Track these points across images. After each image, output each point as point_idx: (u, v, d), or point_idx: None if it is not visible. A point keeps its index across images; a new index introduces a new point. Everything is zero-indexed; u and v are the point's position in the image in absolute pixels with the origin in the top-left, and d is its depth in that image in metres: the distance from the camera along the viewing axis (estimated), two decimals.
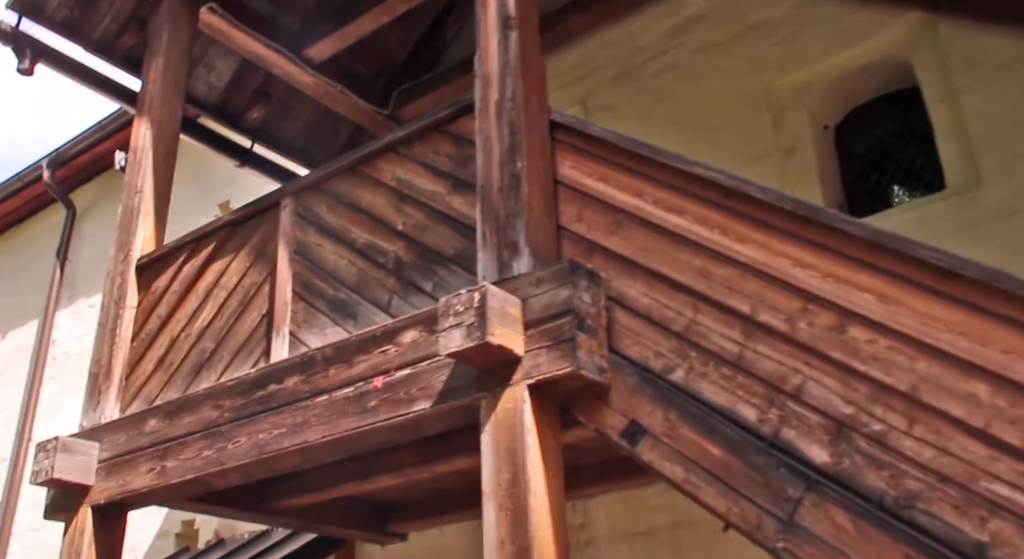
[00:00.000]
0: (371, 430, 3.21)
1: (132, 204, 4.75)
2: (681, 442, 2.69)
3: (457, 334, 2.86)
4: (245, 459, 3.54)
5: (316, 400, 3.40)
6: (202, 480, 3.73)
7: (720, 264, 2.85)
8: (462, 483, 4.96)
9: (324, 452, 3.42)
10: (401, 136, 3.74)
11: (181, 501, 4.29)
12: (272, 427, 3.50)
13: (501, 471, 2.80)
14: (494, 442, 2.85)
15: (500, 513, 2.75)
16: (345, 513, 5.22)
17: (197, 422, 3.78)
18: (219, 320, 4.13)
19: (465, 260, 3.34)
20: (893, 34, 4.78)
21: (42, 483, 4.02)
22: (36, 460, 4.07)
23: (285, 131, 6.58)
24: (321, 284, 3.78)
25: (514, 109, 3.30)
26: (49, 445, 4.06)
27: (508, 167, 3.22)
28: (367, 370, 3.30)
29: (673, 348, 2.84)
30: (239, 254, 4.19)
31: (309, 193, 4.02)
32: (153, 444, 3.92)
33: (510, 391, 2.88)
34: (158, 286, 4.49)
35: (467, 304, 2.87)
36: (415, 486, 4.99)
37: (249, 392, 3.65)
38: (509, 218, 3.15)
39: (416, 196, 3.60)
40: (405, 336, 3.24)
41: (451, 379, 3.04)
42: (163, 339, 4.34)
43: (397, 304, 3.48)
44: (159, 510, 7.25)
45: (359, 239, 3.73)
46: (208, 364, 4.07)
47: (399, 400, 3.15)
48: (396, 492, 5.11)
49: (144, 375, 4.33)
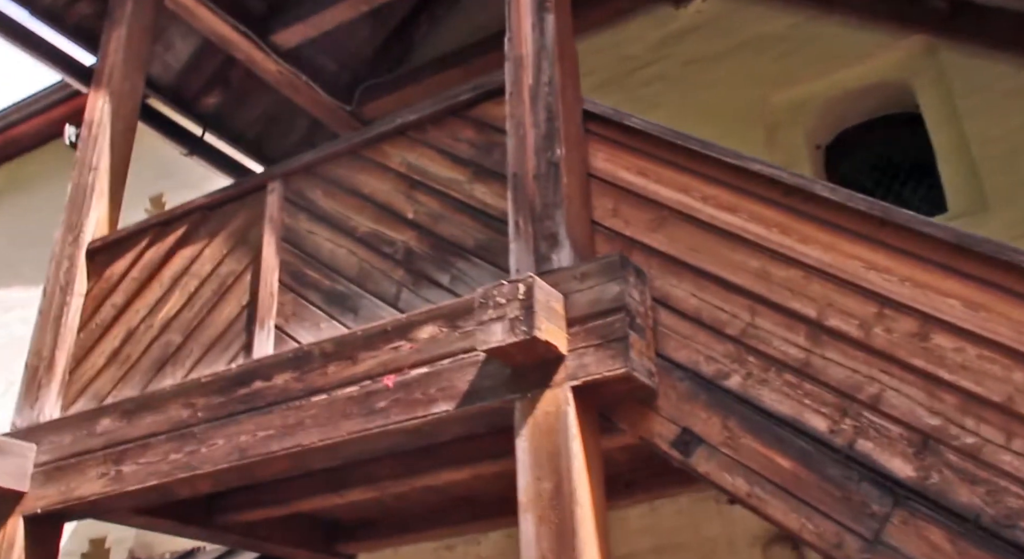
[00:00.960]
0: (380, 433, 2.90)
1: (85, 182, 4.31)
2: (743, 452, 2.48)
3: (498, 328, 2.58)
4: (223, 464, 3.16)
5: (312, 400, 3.07)
6: (167, 487, 3.33)
7: (781, 265, 2.67)
8: (426, 501, 4.66)
9: (320, 457, 3.08)
10: (413, 120, 3.47)
11: (125, 513, 3.84)
12: (257, 428, 3.14)
13: (541, 480, 2.53)
14: (533, 448, 2.58)
15: (541, 526, 2.48)
16: (293, 531, 4.82)
17: (163, 422, 3.38)
18: (188, 311, 3.74)
19: (489, 252, 3.08)
20: (893, 56, 4.77)
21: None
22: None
23: (239, 121, 6.19)
24: (315, 275, 3.45)
25: (552, 94, 3.08)
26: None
27: (545, 155, 2.98)
28: (375, 368, 2.98)
29: (728, 353, 2.64)
30: (214, 240, 3.82)
31: (300, 177, 3.68)
32: (107, 446, 3.49)
33: (551, 393, 2.62)
34: (113, 272, 4.06)
35: (510, 296, 2.61)
36: (372, 504, 4.64)
37: (229, 390, 3.28)
38: (547, 208, 2.90)
39: (430, 183, 3.32)
40: (421, 331, 2.94)
41: (478, 379, 2.77)
42: (118, 330, 3.91)
43: (407, 298, 3.18)
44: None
45: (361, 227, 3.42)
46: (174, 359, 3.67)
47: (414, 401, 2.85)
48: (349, 509, 4.74)
49: (93, 369, 3.89)
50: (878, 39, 4.80)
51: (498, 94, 3.28)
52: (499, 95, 3.28)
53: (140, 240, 4.03)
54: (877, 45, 4.80)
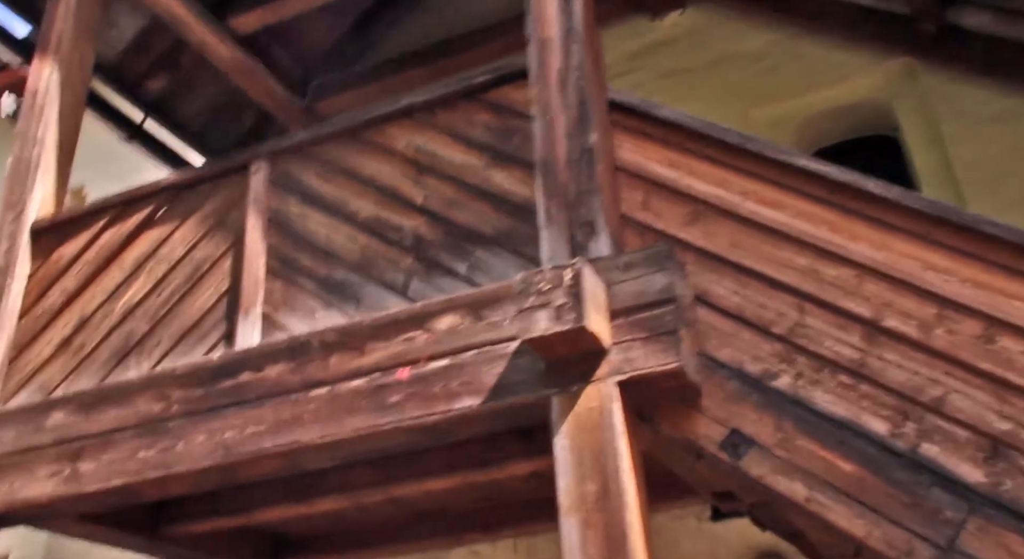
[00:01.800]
0: (392, 430, 2.66)
1: (28, 156, 3.92)
2: (800, 455, 2.35)
3: (542, 317, 2.40)
4: (204, 462, 2.85)
5: (311, 393, 2.80)
6: (133, 488, 2.99)
7: (831, 263, 2.57)
8: (388, 514, 4.38)
9: (318, 456, 2.81)
10: (421, 101, 3.26)
11: (70, 520, 3.45)
12: (245, 424, 2.85)
13: (585, 481, 2.34)
14: (574, 447, 2.39)
15: (587, 531, 2.29)
16: (243, 545, 4.46)
17: (130, 416, 3.04)
18: (155, 298, 3.40)
19: (510, 240, 2.89)
20: (874, 78, 4.82)
21: None
22: None
23: (184, 109, 5.82)
24: (308, 261, 3.18)
25: (582, 78, 2.93)
26: None
27: (577, 140, 2.82)
28: (386, 359, 2.75)
29: (775, 352, 2.52)
30: (187, 222, 3.50)
31: (289, 157, 3.41)
32: (59, 442, 3.12)
33: (593, 388, 2.44)
34: (63, 255, 3.68)
35: (555, 282, 2.43)
36: (329, 517, 4.34)
37: (211, 381, 2.98)
38: (581, 196, 2.74)
39: (441, 168, 3.11)
40: (439, 321, 2.73)
41: (507, 373, 2.57)
42: (69, 317, 3.53)
43: (418, 287, 2.96)
44: None
45: (362, 212, 3.18)
46: (139, 349, 3.32)
47: (433, 396, 2.63)
48: (302, 523, 4.42)
49: (39, 359, 3.50)
50: (859, 60, 4.84)
51: (518, 78, 3.12)
52: (519, 79, 3.12)
53: (96, 220, 3.67)
54: (858, 66, 4.84)
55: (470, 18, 6.01)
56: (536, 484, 4.10)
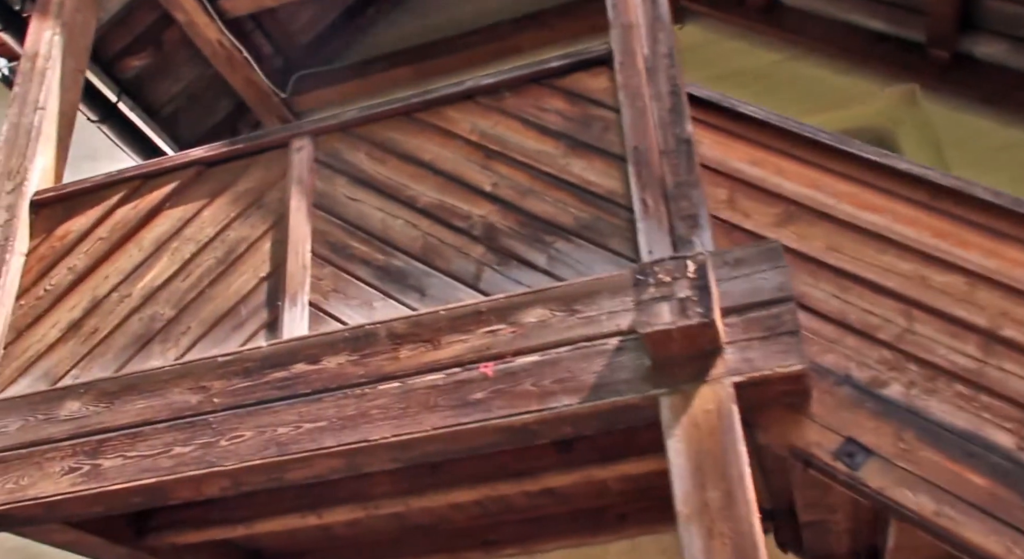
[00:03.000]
0: (477, 430, 2.47)
1: (28, 123, 3.57)
2: (925, 467, 2.26)
3: (665, 309, 2.26)
4: (252, 460, 2.59)
5: (380, 388, 2.58)
6: (165, 487, 2.70)
7: (939, 270, 2.51)
8: (380, 529, 4.13)
9: (387, 456, 2.58)
10: (486, 85, 3.08)
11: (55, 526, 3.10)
12: (300, 420, 2.61)
13: (706, 488, 2.20)
14: (692, 451, 2.25)
15: (712, 540, 2.14)
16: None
17: (162, 408, 2.76)
18: (181, 281, 3.11)
19: (595, 233, 2.74)
20: (876, 104, 4.85)
21: None
22: None
23: (160, 92, 5.45)
24: (362, 248, 2.96)
25: (673, 66, 2.82)
26: None
27: (673, 130, 2.71)
28: (466, 354, 2.55)
29: (883, 359, 2.43)
30: (217, 200, 3.22)
31: (336, 137, 3.19)
32: (76, 435, 2.80)
33: (708, 389, 2.31)
34: (69, 230, 3.35)
35: (676, 273, 2.29)
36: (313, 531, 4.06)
37: (258, 372, 2.72)
38: (681, 187, 2.62)
39: (512, 154, 2.94)
40: (527, 314, 2.55)
41: (608, 371, 2.41)
42: (78, 299, 3.20)
43: (491, 278, 2.77)
44: None
45: (422, 197, 2.98)
46: (163, 336, 3.03)
47: (524, 393, 2.45)
48: (282, 537, 4.13)
49: (42, 344, 3.15)
50: (861, 84, 4.88)
51: (594, 65, 2.99)
52: (595, 66, 2.99)
53: (109, 195, 3.36)
54: (860, 91, 4.88)
55: (458, 20, 5.86)
56: (545, 500, 3.95)
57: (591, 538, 4.03)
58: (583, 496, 3.89)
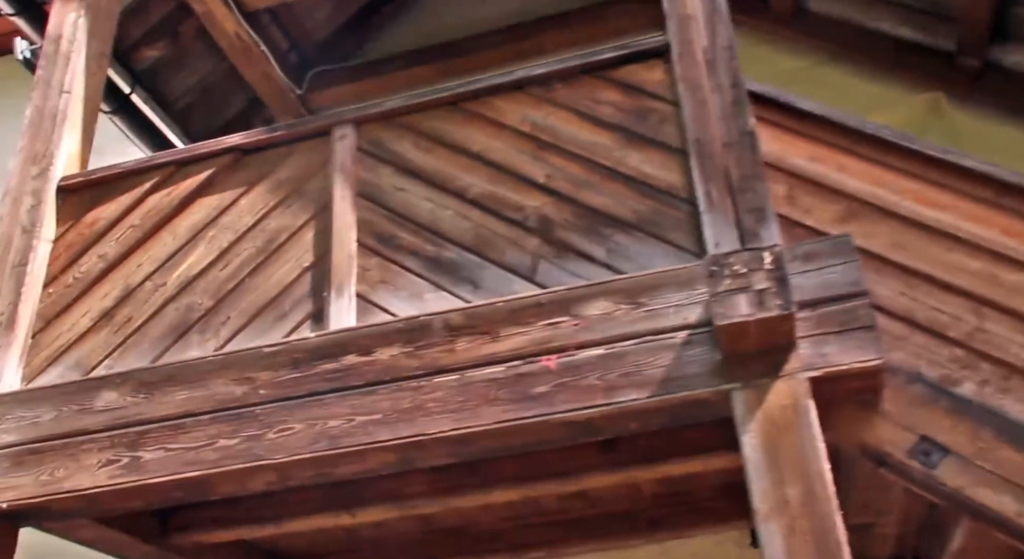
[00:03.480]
0: (540, 424, 2.40)
1: (54, 107, 3.47)
2: (1007, 468, 2.22)
3: (743, 301, 2.21)
4: (302, 453, 2.51)
5: (436, 380, 2.51)
6: (209, 481, 2.60)
7: (1010, 268, 2.47)
8: (404, 532, 4.04)
9: (442, 451, 2.51)
10: (536, 75, 3.03)
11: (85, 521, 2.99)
12: (353, 413, 2.53)
13: (785, 485, 2.14)
14: (769, 447, 2.19)
15: (793, 538, 2.08)
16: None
17: (205, 400, 2.66)
18: (219, 270, 3.02)
19: (655, 226, 2.68)
20: (900, 112, 4.83)
21: None
22: None
23: (174, 85, 5.34)
24: (411, 238, 2.88)
25: (734, 59, 2.77)
26: None
27: (735, 122, 2.66)
28: (526, 346, 2.49)
29: (954, 357, 2.39)
30: (255, 189, 3.14)
31: (379, 125, 3.12)
32: (114, 426, 2.70)
33: (783, 384, 2.26)
34: (99, 218, 3.25)
35: (753, 265, 2.24)
36: (336, 533, 3.97)
37: (306, 364, 2.64)
38: (746, 180, 2.57)
39: (566, 146, 2.88)
40: (589, 307, 2.49)
41: (677, 364, 2.35)
42: (110, 288, 3.11)
43: (548, 271, 2.71)
44: None
45: (472, 188, 2.91)
46: (202, 326, 2.94)
47: (589, 388, 2.38)
48: (300, 539, 4.03)
49: (73, 333, 3.05)
50: (887, 92, 4.87)
51: (649, 57, 2.94)
52: (650, 58, 2.94)
53: (141, 182, 3.27)
54: (884, 98, 4.86)
55: (477, 20, 5.81)
56: (577, 503, 3.88)
57: (622, 542, 3.96)
58: (615, 499, 3.82)
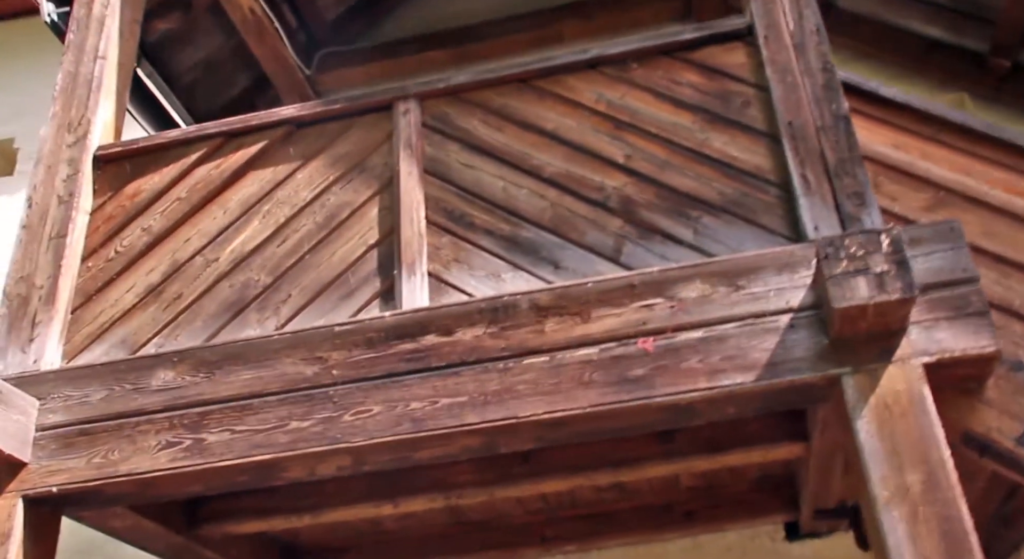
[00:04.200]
0: (640, 408, 2.32)
1: (88, 72, 3.29)
2: None
3: (862, 284, 2.15)
4: (384, 436, 2.40)
5: (525, 362, 2.41)
6: (280, 465, 2.48)
7: None
8: (432, 524, 3.93)
9: (531, 434, 2.41)
10: (611, 54, 2.96)
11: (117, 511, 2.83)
12: (436, 394, 2.42)
13: (905, 471, 2.09)
14: (884, 432, 2.14)
15: (917, 525, 2.04)
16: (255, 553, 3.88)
17: (272, 380, 2.53)
18: (276, 246, 2.88)
19: (742, 209, 2.62)
20: None
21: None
22: None
23: (181, 59, 5.14)
24: (485, 217, 2.78)
25: (823, 42, 2.72)
26: None
27: (829, 106, 2.61)
28: (620, 328, 2.40)
29: None
30: (312, 163, 3.01)
31: (444, 101, 3.01)
32: (172, 407, 2.55)
33: (895, 369, 2.21)
34: (141, 189, 3.09)
35: (869, 247, 2.19)
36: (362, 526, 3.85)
37: (382, 344, 2.52)
38: (843, 164, 2.52)
39: (645, 126, 2.81)
40: (686, 289, 2.41)
41: (781, 349, 2.29)
42: (156, 262, 2.95)
43: (633, 251, 2.63)
44: None
45: (548, 167, 2.82)
46: (260, 304, 2.80)
47: (690, 371, 2.31)
48: (320, 532, 3.89)
49: (117, 309, 2.89)
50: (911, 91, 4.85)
51: (730, 39, 2.88)
52: (730, 41, 2.88)
53: (187, 153, 3.11)
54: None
55: (494, 5, 5.70)
56: (612, 495, 3.81)
57: (654, 535, 3.90)
58: (652, 492, 3.76)
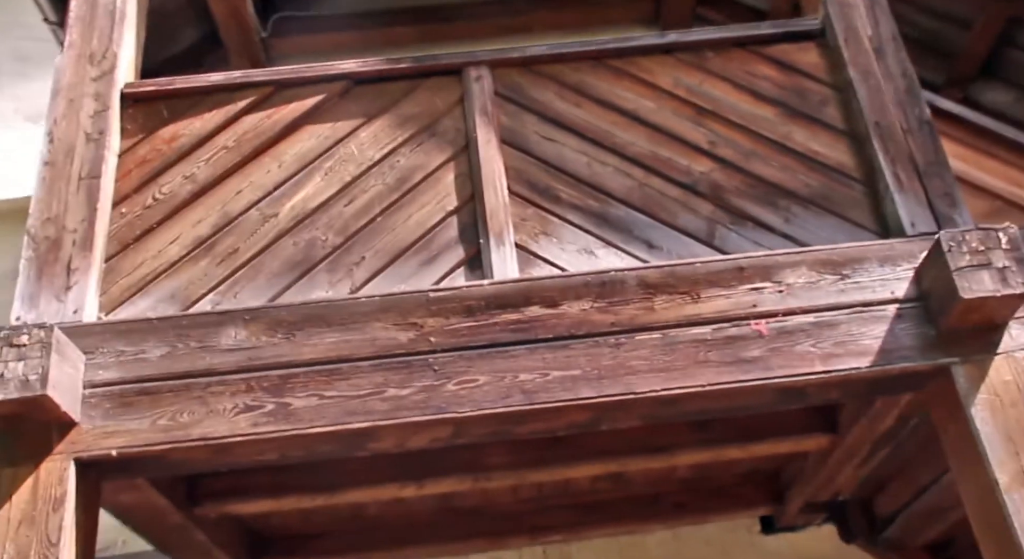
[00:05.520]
0: (757, 388, 2.34)
1: (109, 2, 2.99)
2: None
3: (986, 277, 2.25)
4: (493, 407, 2.29)
5: (637, 338, 2.38)
6: (373, 434, 2.32)
7: None
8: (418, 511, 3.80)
9: (642, 411, 2.38)
10: (687, 41, 2.98)
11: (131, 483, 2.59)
12: (546, 367, 2.34)
13: (1021, 457, 2.20)
14: (998, 420, 2.25)
15: None
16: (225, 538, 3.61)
17: (363, 345, 2.37)
18: (344, 205, 2.71)
19: (829, 201, 2.70)
20: None
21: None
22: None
23: None
24: (569, 191, 2.72)
25: (901, 50, 2.85)
26: (25, 335, 2.20)
27: (912, 111, 2.73)
28: (731, 309, 2.41)
29: None
30: (376, 121, 2.84)
31: (515, 71, 2.92)
32: (248, 368, 2.34)
33: (1002, 361, 2.32)
34: (180, 134, 2.82)
35: (989, 243, 2.30)
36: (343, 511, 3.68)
37: (483, 312, 2.41)
38: (931, 166, 2.64)
39: (727, 115, 2.83)
40: (792, 275, 2.46)
41: (891, 337, 2.37)
42: (203, 213, 2.70)
43: (726, 236, 2.64)
44: None
45: (632, 146, 2.79)
46: (331, 265, 2.61)
47: (805, 354, 2.35)
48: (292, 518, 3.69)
49: (162, 260, 2.62)
50: None
51: (802, 39, 2.96)
52: (803, 40, 2.96)
53: (232, 99, 2.87)
54: None
55: None
56: (606, 485, 3.81)
57: (641, 526, 3.94)
58: (644, 483, 3.80)
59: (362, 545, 3.82)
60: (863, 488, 3.59)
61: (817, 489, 3.56)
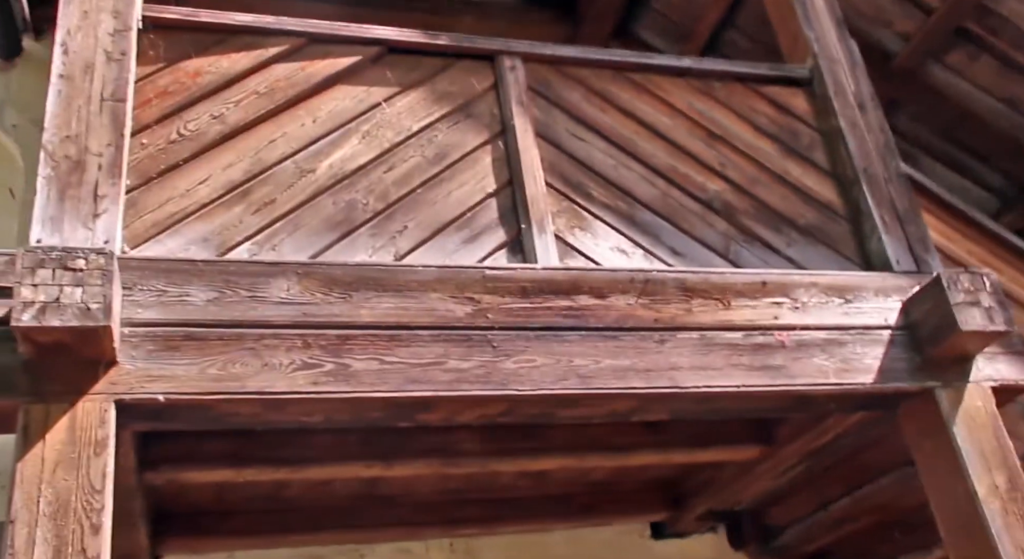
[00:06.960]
0: (779, 393, 2.54)
1: None
2: None
3: (976, 314, 2.59)
4: (550, 388, 2.34)
5: (679, 336, 2.51)
6: (431, 404, 2.28)
7: None
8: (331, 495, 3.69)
9: (674, 406, 2.51)
10: (699, 69, 3.17)
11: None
12: (598, 354, 2.42)
13: (993, 472, 2.55)
14: (973, 440, 2.59)
15: (1007, 517, 2.49)
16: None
17: (421, 314, 2.33)
18: (384, 171, 2.63)
19: (823, 235, 2.97)
20: None
21: (48, 331, 1.92)
22: (39, 280, 1.94)
23: None
24: (601, 190, 2.81)
25: (878, 107, 3.19)
26: (81, 259, 1.98)
27: (890, 163, 3.08)
28: (757, 319, 2.62)
29: None
30: (414, 92, 2.79)
31: (546, 68, 2.98)
32: (304, 324, 2.23)
33: (974, 388, 2.68)
34: (205, 70, 2.62)
35: (977, 285, 2.65)
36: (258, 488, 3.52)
37: (537, 295, 2.45)
38: (907, 213, 2.99)
39: (734, 141, 3.05)
40: (805, 294, 2.70)
41: (888, 359, 2.66)
42: (234, 157, 2.52)
43: (738, 252, 2.83)
44: None
45: (655, 157, 2.93)
46: (373, 229, 2.52)
47: (821, 367, 2.59)
48: (204, 493, 3.47)
49: (191, 201, 2.41)
50: None
51: (794, 84, 3.24)
52: (794, 85, 3.24)
53: (262, 43, 2.71)
54: None
55: None
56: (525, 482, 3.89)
57: (550, 524, 4.02)
58: (559, 482, 3.90)
59: (274, 527, 3.61)
60: (762, 498, 3.90)
61: (724, 498, 3.83)
